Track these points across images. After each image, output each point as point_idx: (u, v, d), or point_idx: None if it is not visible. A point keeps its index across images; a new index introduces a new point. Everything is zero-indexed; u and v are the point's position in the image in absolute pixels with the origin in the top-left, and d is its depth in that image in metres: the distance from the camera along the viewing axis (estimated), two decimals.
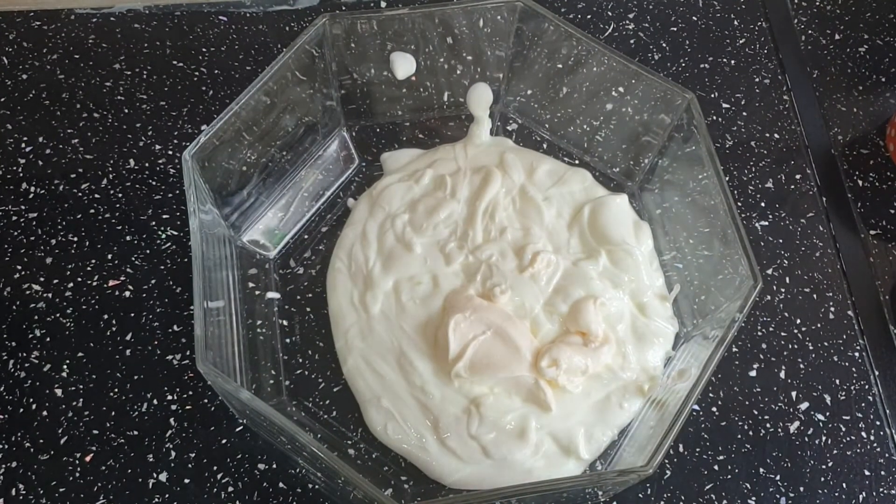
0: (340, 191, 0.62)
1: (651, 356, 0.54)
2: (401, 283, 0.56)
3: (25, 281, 0.57)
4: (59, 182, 0.61)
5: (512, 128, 0.65)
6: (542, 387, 0.51)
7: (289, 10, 0.71)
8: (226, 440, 0.52)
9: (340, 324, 0.55)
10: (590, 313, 0.53)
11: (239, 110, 0.52)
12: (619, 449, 0.52)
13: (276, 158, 0.58)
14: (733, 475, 0.53)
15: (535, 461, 0.50)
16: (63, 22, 0.69)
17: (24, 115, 0.64)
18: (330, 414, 0.54)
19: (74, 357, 0.55)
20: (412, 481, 0.51)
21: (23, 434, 0.52)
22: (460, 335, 0.52)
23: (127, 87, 0.66)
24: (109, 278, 0.58)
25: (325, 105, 0.60)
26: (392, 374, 0.53)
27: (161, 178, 0.62)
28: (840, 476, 0.54)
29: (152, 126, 0.64)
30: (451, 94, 0.63)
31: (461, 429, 0.51)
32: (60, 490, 0.50)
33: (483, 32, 0.59)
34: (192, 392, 0.54)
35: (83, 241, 0.59)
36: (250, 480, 0.51)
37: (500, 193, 0.59)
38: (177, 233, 0.59)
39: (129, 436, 0.52)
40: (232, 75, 0.67)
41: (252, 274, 0.57)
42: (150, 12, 0.70)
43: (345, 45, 0.57)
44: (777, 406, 0.56)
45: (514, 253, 0.57)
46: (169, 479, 0.51)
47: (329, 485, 0.51)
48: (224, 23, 0.70)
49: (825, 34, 0.72)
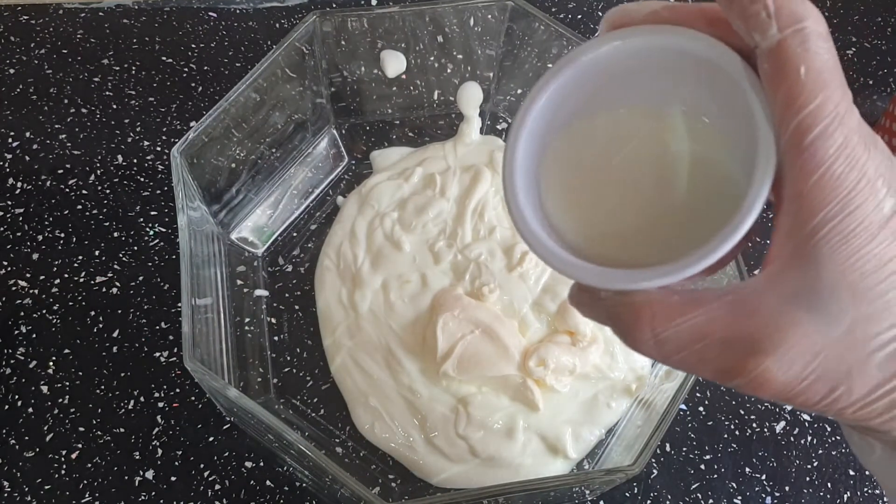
0: (329, 188, 0.62)
1: (639, 356, 0.54)
2: (389, 281, 0.56)
3: (11, 277, 0.57)
4: (46, 177, 0.61)
5: (502, 127, 0.65)
6: (530, 386, 0.51)
7: (279, 6, 0.71)
8: (213, 438, 0.52)
9: (328, 322, 0.55)
10: (578, 313, 0.53)
11: (228, 107, 0.52)
12: (606, 448, 0.53)
13: (265, 156, 0.58)
14: (720, 474, 0.53)
15: (522, 460, 0.51)
16: (51, 17, 0.68)
17: (10, 109, 0.63)
18: (318, 412, 0.53)
19: (61, 354, 0.54)
20: (400, 480, 0.51)
21: (8, 431, 0.52)
22: (448, 334, 0.52)
23: (115, 83, 0.65)
24: (96, 275, 0.57)
25: (315, 102, 0.60)
26: (380, 372, 0.53)
27: (149, 175, 0.61)
28: (825, 476, 0.54)
29: (141, 122, 0.64)
30: (442, 93, 0.63)
31: (449, 428, 0.51)
32: (46, 487, 0.50)
33: (474, 31, 0.59)
34: (180, 389, 0.54)
35: (70, 238, 0.59)
36: (237, 478, 0.51)
37: (489, 192, 0.59)
38: (165, 230, 0.59)
39: (116, 433, 0.52)
40: (221, 72, 0.67)
41: (240, 271, 0.57)
42: (139, 8, 0.69)
43: (335, 43, 0.57)
44: (763, 406, 0.56)
45: (502, 252, 0.57)
46: (155, 476, 0.51)
47: (316, 483, 0.51)
48: (213, 19, 0.69)
49: None
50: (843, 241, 0.22)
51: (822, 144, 0.22)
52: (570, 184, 0.28)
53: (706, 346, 0.24)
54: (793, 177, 0.23)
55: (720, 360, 0.24)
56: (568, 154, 0.28)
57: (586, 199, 0.28)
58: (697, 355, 0.24)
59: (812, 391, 0.23)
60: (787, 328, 0.23)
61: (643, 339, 0.25)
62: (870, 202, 0.22)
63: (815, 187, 0.22)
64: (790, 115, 0.22)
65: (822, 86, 0.22)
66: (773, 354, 0.23)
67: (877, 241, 0.22)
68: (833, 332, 0.23)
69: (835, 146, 0.22)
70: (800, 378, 0.23)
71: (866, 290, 0.22)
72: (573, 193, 0.28)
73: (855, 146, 0.22)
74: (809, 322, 0.23)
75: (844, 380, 0.23)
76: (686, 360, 0.25)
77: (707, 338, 0.24)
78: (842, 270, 0.22)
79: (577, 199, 0.28)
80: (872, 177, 0.22)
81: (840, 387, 0.23)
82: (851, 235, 0.22)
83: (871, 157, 0.22)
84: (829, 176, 0.22)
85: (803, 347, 0.23)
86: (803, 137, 0.22)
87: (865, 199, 0.22)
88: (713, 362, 0.24)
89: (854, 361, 0.23)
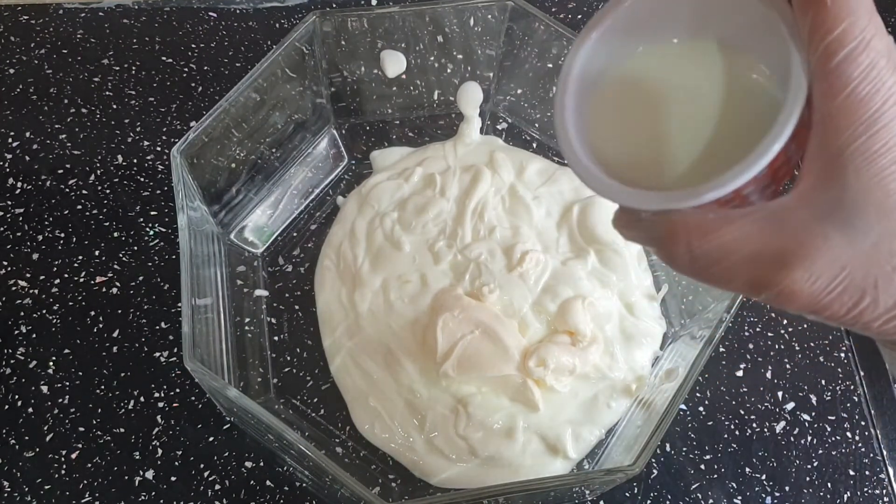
0: (329, 188, 0.62)
1: (639, 356, 0.54)
2: (389, 281, 0.56)
3: (11, 277, 0.57)
4: (46, 177, 0.61)
5: (502, 127, 0.65)
6: (530, 386, 0.51)
7: (279, 6, 0.71)
8: (213, 438, 0.52)
9: (328, 322, 0.55)
10: (578, 313, 0.53)
11: (228, 107, 0.52)
12: (606, 448, 0.53)
13: (265, 156, 0.58)
14: (720, 474, 0.53)
15: (522, 460, 0.51)
16: (51, 17, 0.68)
17: (10, 109, 0.63)
18: (317, 412, 0.53)
19: (61, 354, 0.54)
20: (400, 480, 0.51)
21: (8, 431, 0.52)
22: (448, 334, 0.52)
23: (115, 83, 0.65)
24: (96, 275, 0.57)
25: (315, 102, 0.60)
26: (380, 372, 0.53)
27: (149, 175, 0.61)
28: (825, 476, 0.54)
29: (140, 122, 0.64)
30: (442, 93, 0.63)
31: (448, 428, 0.51)
32: (46, 487, 0.50)
33: (474, 31, 0.59)
34: (180, 389, 0.54)
35: (70, 238, 0.59)
36: (237, 478, 0.51)
37: (489, 192, 0.59)
38: (165, 230, 0.59)
39: (116, 433, 0.52)
40: (221, 72, 0.67)
41: (240, 271, 0.57)
42: (139, 8, 0.69)
43: (335, 43, 0.57)
44: (763, 406, 0.56)
45: (502, 252, 0.57)
46: (155, 476, 0.51)
47: (316, 483, 0.51)
48: (214, 19, 0.69)
49: None
50: (867, 159, 0.23)
51: (847, 67, 0.23)
52: (614, 116, 0.31)
53: (737, 260, 0.25)
54: (821, 98, 0.24)
55: (750, 273, 0.25)
56: (612, 88, 0.31)
57: (630, 127, 0.30)
58: (729, 269, 0.26)
59: (839, 303, 0.24)
60: (814, 242, 0.24)
61: (679, 254, 0.27)
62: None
63: (841, 107, 0.23)
64: (817, 40, 0.23)
65: (849, 12, 0.23)
66: (800, 267, 0.24)
67: None
68: (859, 247, 0.24)
69: (860, 69, 0.23)
70: (827, 290, 0.24)
71: (892, 207, 0.23)
72: (617, 125, 0.30)
73: (882, 69, 0.23)
74: (836, 236, 0.24)
75: (870, 292, 0.24)
76: (719, 274, 0.26)
77: (738, 252, 0.25)
78: (867, 188, 0.23)
79: (620, 129, 0.30)
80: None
81: (866, 298, 0.24)
82: (876, 154, 0.23)
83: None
84: (855, 96, 0.23)
85: (829, 260, 0.24)
86: (829, 60, 0.23)
87: (891, 120, 0.23)
88: (744, 275, 0.25)
89: (880, 274, 0.24)
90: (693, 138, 0.28)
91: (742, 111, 0.27)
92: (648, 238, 0.29)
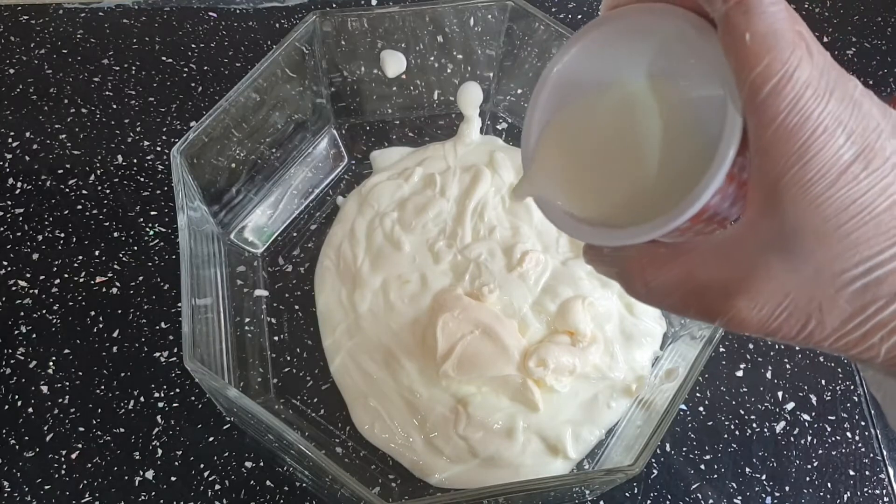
0: (329, 188, 0.62)
1: (639, 356, 0.54)
2: (389, 281, 0.56)
3: (11, 277, 0.57)
4: (46, 177, 0.61)
5: (502, 127, 0.65)
6: (530, 386, 0.51)
7: (279, 6, 0.71)
8: (213, 438, 0.52)
9: (328, 322, 0.55)
10: (578, 313, 0.53)
11: (228, 107, 0.52)
12: (606, 448, 0.53)
13: (265, 156, 0.58)
14: (720, 474, 0.53)
15: (522, 460, 0.51)
16: (51, 17, 0.68)
17: (10, 109, 0.63)
18: (317, 412, 0.53)
19: (61, 354, 0.54)
20: (399, 480, 0.51)
21: (8, 431, 0.52)
22: (448, 334, 0.52)
23: (115, 83, 0.65)
24: (96, 275, 0.57)
25: (315, 102, 0.60)
26: (380, 372, 0.53)
27: (149, 175, 0.61)
28: (825, 476, 0.54)
29: (140, 122, 0.64)
30: (442, 93, 0.63)
31: (448, 428, 0.51)
32: (46, 487, 0.50)
33: (474, 31, 0.59)
34: (180, 389, 0.54)
35: (70, 238, 0.59)
36: (237, 478, 0.51)
37: (489, 192, 0.59)
38: (165, 230, 0.59)
39: (116, 433, 0.52)
40: (221, 72, 0.67)
41: (240, 271, 0.57)
42: (139, 8, 0.69)
43: (335, 43, 0.57)
44: (763, 406, 0.56)
45: (502, 252, 0.57)
46: (155, 476, 0.51)
47: (316, 483, 0.51)
48: (214, 19, 0.69)
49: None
50: (802, 188, 0.24)
51: (773, 101, 0.24)
52: (564, 160, 0.31)
53: (689, 291, 0.27)
54: (755, 133, 0.25)
55: (701, 303, 0.27)
56: (562, 132, 0.31)
57: (579, 169, 0.31)
58: (682, 300, 0.27)
59: (787, 326, 0.25)
60: (757, 273, 0.25)
61: (637, 288, 0.28)
62: (828, 150, 0.24)
63: (773, 140, 0.24)
64: (743, 77, 0.24)
65: (769, 47, 0.24)
66: (745, 297, 0.25)
67: (837, 187, 0.24)
68: (802, 273, 0.25)
69: (785, 101, 0.24)
70: (773, 316, 0.25)
71: (830, 233, 0.24)
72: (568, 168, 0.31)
73: (808, 100, 0.24)
74: (778, 265, 0.25)
75: (815, 315, 0.25)
76: (674, 304, 0.28)
77: (687, 284, 0.27)
78: (805, 215, 0.24)
79: (571, 171, 0.31)
80: (830, 125, 0.24)
81: (811, 321, 0.25)
82: (810, 183, 0.24)
83: (828, 107, 0.24)
84: (784, 129, 0.24)
85: (773, 289, 0.25)
86: (756, 96, 0.24)
87: (822, 148, 0.24)
88: (695, 306, 0.27)
89: (823, 298, 0.25)
90: (640, 176, 0.29)
91: (688, 147, 0.28)
92: (611, 272, 0.30)
